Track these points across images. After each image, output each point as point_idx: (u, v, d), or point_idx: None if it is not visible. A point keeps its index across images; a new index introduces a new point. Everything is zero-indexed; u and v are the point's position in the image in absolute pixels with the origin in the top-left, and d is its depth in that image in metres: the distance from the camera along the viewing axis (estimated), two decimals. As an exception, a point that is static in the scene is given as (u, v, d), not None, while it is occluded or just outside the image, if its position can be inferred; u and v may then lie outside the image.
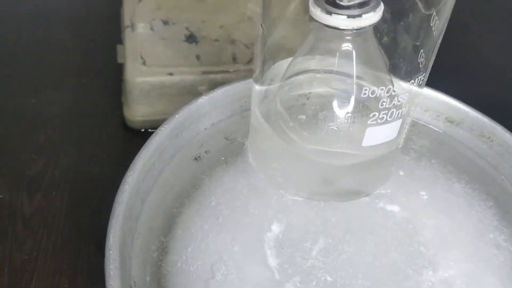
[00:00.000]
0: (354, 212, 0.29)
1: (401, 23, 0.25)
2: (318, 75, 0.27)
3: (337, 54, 0.25)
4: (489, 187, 0.31)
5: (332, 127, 0.26)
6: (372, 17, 0.23)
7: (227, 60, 0.41)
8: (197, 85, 0.40)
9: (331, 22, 0.23)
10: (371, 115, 0.24)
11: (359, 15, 0.23)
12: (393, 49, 0.26)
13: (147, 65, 0.39)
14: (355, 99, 0.25)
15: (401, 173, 0.31)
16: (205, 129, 0.32)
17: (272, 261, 0.26)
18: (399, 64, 0.26)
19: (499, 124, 0.32)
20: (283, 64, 0.28)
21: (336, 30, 0.24)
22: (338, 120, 0.26)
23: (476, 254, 0.27)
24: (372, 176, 0.29)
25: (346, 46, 0.25)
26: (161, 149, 0.29)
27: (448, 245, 0.27)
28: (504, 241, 0.28)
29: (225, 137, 0.33)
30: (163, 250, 0.26)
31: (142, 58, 0.39)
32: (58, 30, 0.50)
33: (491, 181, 0.31)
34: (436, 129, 0.34)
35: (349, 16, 0.23)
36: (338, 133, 0.26)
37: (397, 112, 0.25)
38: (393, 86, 0.24)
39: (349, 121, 0.25)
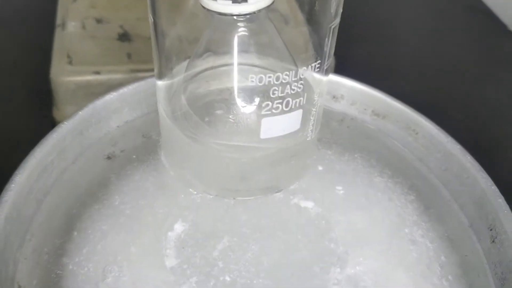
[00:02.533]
0: (267, 209, 0.27)
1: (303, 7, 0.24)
2: (221, 68, 0.26)
3: (234, 43, 0.24)
4: (412, 180, 0.30)
5: (230, 119, 0.25)
6: (259, 2, 0.22)
7: (159, 58, 0.40)
8: (126, 83, 0.38)
9: (217, 8, 0.22)
10: (263, 105, 0.23)
11: (245, 0, 0.22)
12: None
13: (73, 64, 0.38)
14: (251, 89, 0.24)
15: (320, 168, 0.29)
16: (117, 126, 0.31)
17: (170, 262, 0.24)
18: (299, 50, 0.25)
19: (423, 116, 0.31)
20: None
21: (227, 18, 0.23)
22: (235, 112, 0.25)
23: (389, 250, 0.26)
24: (283, 171, 0.27)
25: (241, 32, 0.24)
26: (61, 147, 0.27)
27: (360, 241, 0.26)
28: (421, 236, 0.27)
29: (142, 135, 0.31)
30: (55, 252, 0.25)
31: (69, 57, 0.38)
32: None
33: (415, 174, 0.30)
34: (364, 122, 0.33)
35: (234, 1, 0.22)
36: (236, 126, 0.25)
37: (294, 101, 0.23)
38: (292, 72, 0.23)
39: (245, 112, 0.24)
